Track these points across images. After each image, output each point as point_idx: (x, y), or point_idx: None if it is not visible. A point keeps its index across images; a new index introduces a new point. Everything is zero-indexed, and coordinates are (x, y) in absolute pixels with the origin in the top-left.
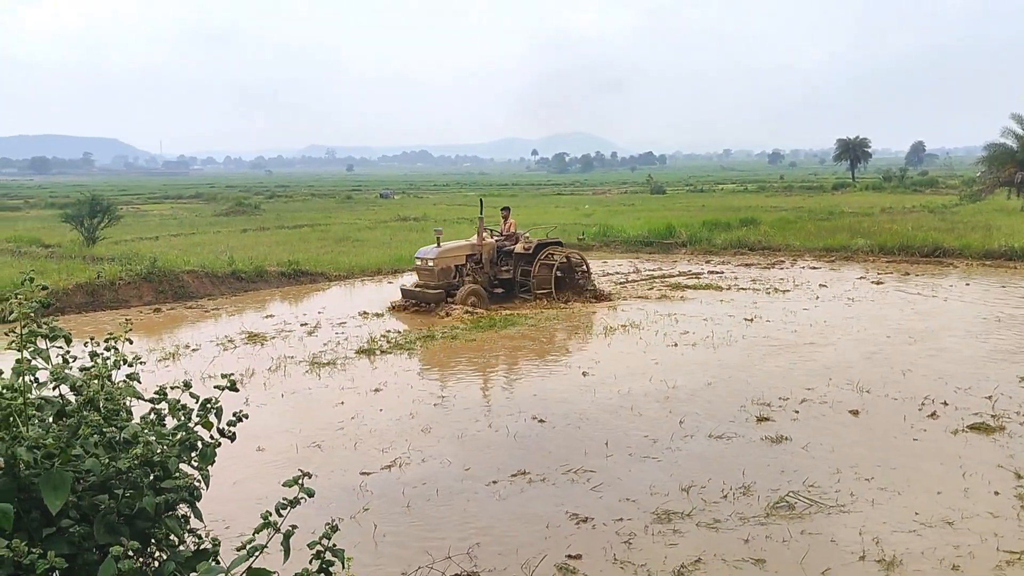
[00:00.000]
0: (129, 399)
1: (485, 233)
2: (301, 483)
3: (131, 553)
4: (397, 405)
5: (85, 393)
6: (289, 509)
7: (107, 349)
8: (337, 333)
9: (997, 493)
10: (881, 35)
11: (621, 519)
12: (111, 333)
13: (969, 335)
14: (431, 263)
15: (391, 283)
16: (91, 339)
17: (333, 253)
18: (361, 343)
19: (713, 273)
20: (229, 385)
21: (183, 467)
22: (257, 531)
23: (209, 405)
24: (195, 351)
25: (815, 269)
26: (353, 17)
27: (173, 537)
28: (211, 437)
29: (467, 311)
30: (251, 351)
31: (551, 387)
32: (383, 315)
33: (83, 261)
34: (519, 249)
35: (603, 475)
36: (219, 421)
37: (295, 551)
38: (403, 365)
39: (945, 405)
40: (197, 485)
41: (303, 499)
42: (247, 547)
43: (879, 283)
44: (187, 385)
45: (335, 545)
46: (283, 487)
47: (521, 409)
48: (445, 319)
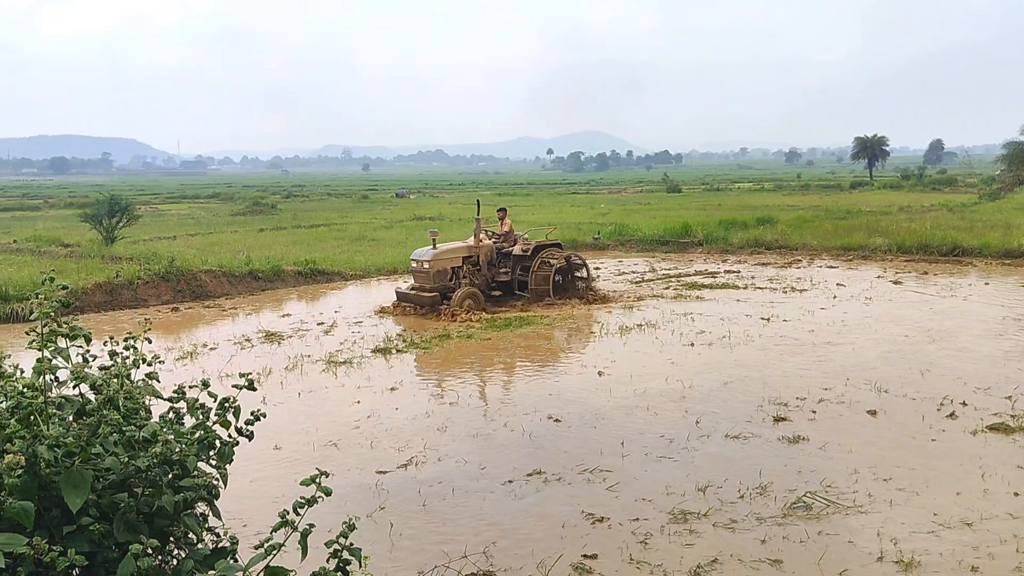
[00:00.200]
0: (148, 398)
1: (482, 234)
2: (318, 482)
3: (150, 551)
4: (413, 404)
5: (105, 392)
6: (307, 508)
7: (126, 348)
8: (353, 332)
9: (1017, 494)
10: (899, 33)
11: (637, 519)
12: (130, 332)
13: (988, 335)
14: (426, 265)
15: (407, 282)
16: (110, 338)
17: (349, 252)
18: (377, 342)
19: (729, 272)
20: (247, 384)
21: (201, 466)
22: (275, 529)
23: (227, 404)
24: (213, 350)
25: (832, 268)
26: (370, 18)
27: (192, 535)
28: (229, 436)
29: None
30: (268, 350)
31: (567, 386)
32: (396, 314)
33: (102, 260)
34: (517, 251)
35: (619, 475)
36: (237, 420)
37: (312, 550)
38: (419, 364)
39: (964, 405)
40: (215, 484)
41: (320, 498)
42: (265, 545)
43: (897, 282)
44: (205, 384)
45: (352, 544)
46: (300, 486)
47: (537, 408)
48: (452, 322)
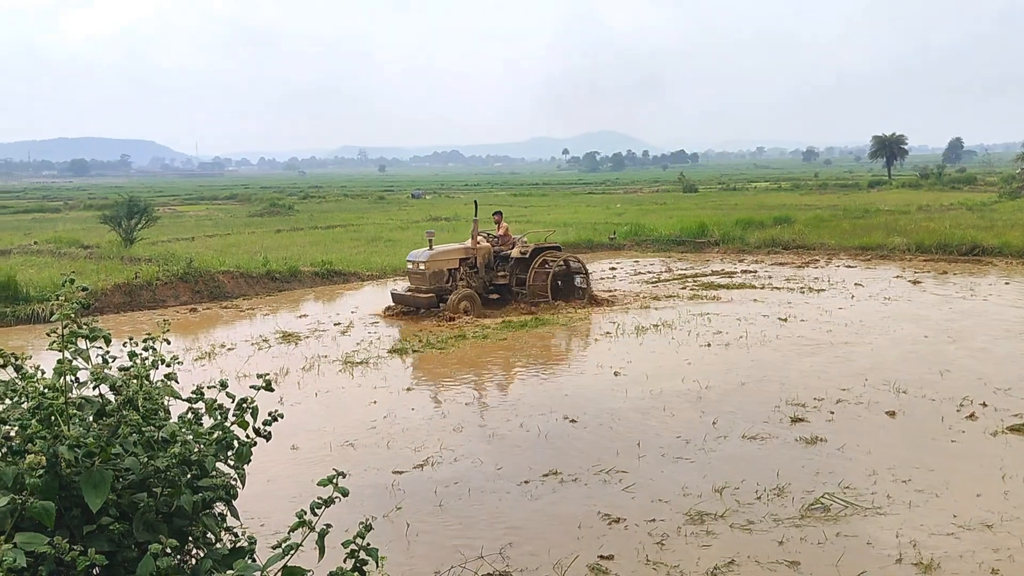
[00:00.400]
0: (167, 398)
1: (480, 236)
2: (335, 482)
3: (169, 551)
4: (429, 404)
5: (124, 393)
6: (324, 508)
7: (145, 349)
8: (370, 332)
9: None
10: (918, 30)
11: (654, 520)
12: (149, 333)
13: (1008, 335)
14: (422, 266)
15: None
16: (130, 339)
17: (366, 253)
18: (393, 342)
19: (746, 272)
20: (265, 385)
21: (219, 466)
22: (292, 529)
23: (245, 405)
24: (231, 350)
25: (850, 268)
26: (387, 20)
27: (210, 535)
28: (247, 436)
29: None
30: (285, 350)
31: (583, 386)
32: (409, 315)
33: (121, 262)
34: (515, 253)
35: (635, 475)
36: (255, 421)
37: (329, 549)
38: (435, 364)
39: (984, 406)
40: (233, 484)
41: (337, 498)
42: (283, 545)
43: (916, 282)
44: (223, 384)
45: (369, 544)
46: (317, 486)
47: (552, 408)
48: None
